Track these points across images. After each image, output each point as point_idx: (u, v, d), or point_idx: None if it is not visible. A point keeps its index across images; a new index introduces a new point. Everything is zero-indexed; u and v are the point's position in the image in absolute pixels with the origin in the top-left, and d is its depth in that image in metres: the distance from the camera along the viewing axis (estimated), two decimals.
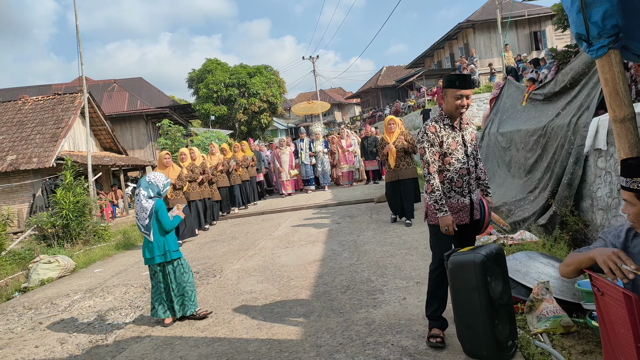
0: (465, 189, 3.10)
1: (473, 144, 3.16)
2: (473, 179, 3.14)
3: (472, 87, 3.06)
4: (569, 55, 7.38)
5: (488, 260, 2.67)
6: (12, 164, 13.17)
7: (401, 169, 6.90)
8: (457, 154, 3.08)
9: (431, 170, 3.07)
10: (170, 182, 4.12)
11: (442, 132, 3.08)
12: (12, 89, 29.41)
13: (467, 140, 3.13)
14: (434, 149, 3.08)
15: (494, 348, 2.64)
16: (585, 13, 1.83)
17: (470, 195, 3.12)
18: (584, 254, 1.89)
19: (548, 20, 24.61)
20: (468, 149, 3.12)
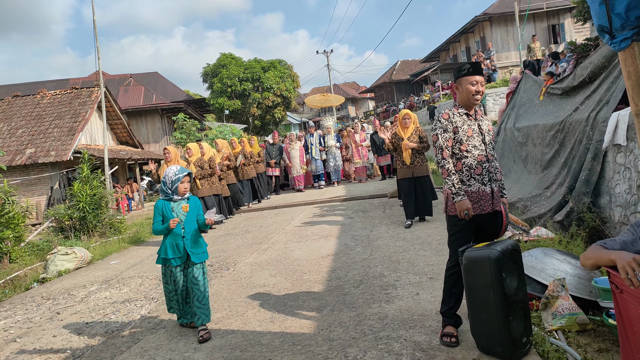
0: (486, 177, 3.03)
1: (491, 134, 3.14)
2: (493, 167, 3.07)
3: (483, 74, 3.08)
4: (588, 48, 7.23)
5: (503, 257, 2.64)
6: (30, 157, 13.41)
7: (416, 165, 6.61)
8: (474, 141, 3.04)
9: (445, 155, 3.06)
10: (182, 175, 3.64)
11: (455, 118, 3.08)
12: (31, 84, 29.92)
13: (484, 129, 3.10)
14: (447, 135, 3.07)
15: (509, 344, 2.62)
16: (608, 4, 1.78)
17: (490, 183, 3.05)
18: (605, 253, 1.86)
19: (567, 12, 24.14)
20: (485, 137, 3.08)
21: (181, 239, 3.68)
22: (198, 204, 3.80)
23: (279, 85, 31.95)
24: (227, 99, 30.86)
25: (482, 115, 3.18)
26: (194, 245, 3.70)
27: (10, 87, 29.17)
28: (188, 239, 3.68)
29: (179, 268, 3.70)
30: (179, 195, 3.70)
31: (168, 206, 3.69)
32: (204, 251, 3.77)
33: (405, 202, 6.69)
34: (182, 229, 3.69)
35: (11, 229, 7.38)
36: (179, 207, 3.71)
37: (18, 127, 14.97)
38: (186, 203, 3.74)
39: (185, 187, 3.69)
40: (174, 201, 3.71)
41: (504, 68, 23.26)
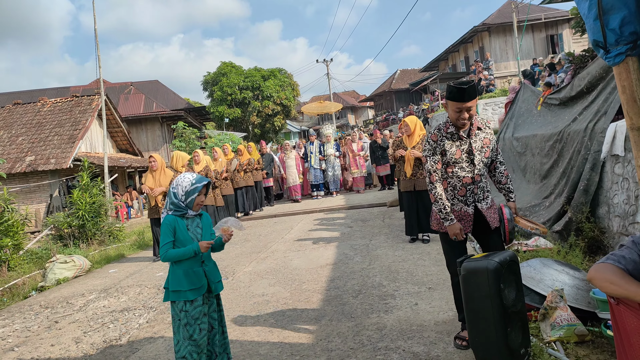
0: (470, 198, 3.02)
1: (484, 151, 3.01)
2: (480, 187, 3.02)
3: (472, 98, 2.87)
4: (585, 59, 7.29)
5: (501, 267, 2.64)
6: (30, 165, 13.43)
7: (418, 178, 6.06)
8: (462, 163, 2.99)
9: (432, 179, 3.04)
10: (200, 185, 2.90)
11: (444, 140, 3.00)
12: (32, 91, 30.03)
13: (476, 148, 2.98)
14: (436, 158, 3.03)
15: (507, 356, 2.62)
16: (602, 20, 1.81)
17: (475, 204, 3.04)
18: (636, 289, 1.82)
19: (565, 23, 24.34)
20: (475, 158, 2.98)
21: (200, 265, 2.92)
22: (210, 221, 3.10)
23: (279, 94, 32.10)
24: (227, 107, 30.98)
25: (481, 127, 3.04)
26: (215, 271, 3.02)
27: (11, 95, 29.27)
28: (208, 265, 2.98)
29: (199, 303, 2.89)
30: (193, 210, 2.94)
31: (182, 224, 2.90)
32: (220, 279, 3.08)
33: (407, 216, 6.27)
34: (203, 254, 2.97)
35: (10, 237, 7.38)
36: (194, 226, 2.95)
37: (18, 134, 15.01)
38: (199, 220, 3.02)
39: (202, 200, 2.95)
40: (188, 217, 2.95)
41: (502, 78, 23.41)
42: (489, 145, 3.05)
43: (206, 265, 2.97)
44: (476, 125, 3.01)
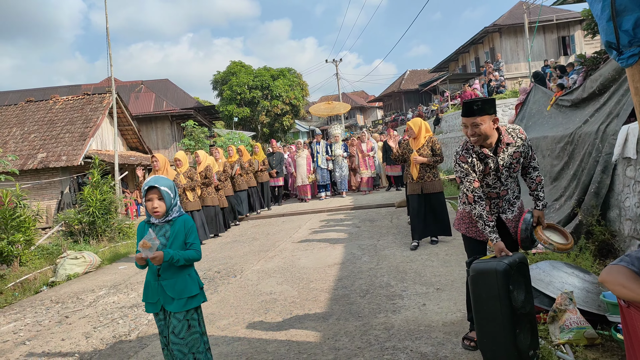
0: (494, 209, 3.02)
1: (513, 167, 2.89)
2: (505, 200, 3.00)
3: (474, 114, 2.76)
4: (597, 61, 7.23)
5: (511, 269, 2.63)
6: (42, 162, 13.59)
7: (426, 181, 5.85)
8: (488, 179, 2.94)
9: (470, 199, 2.92)
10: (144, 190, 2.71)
11: (471, 160, 2.92)
12: (44, 89, 30.34)
13: (504, 166, 2.88)
14: (471, 177, 2.92)
15: (515, 358, 2.61)
16: (615, 21, 1.80)
17: (498, 214, 3.03)
18: None
19: (577, 25, 24.11)
20: (502, 175, 2.90)
21: (156, 279, 2.70)
22: (186, 229, 2.74)
23: (288, 94, 32.16)
24: (236, 106, 31.10)
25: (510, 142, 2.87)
26: (174, 287, 2.68)
27: (23, 93, 29.62)
28: (167, 279, 2.68)
29: (159, 317, 2.75)
30: (154, 217, 2.71)
31: (146, 231, 2.70)
32: (193, 295, 2.71)
33: (413, 221, 6.03)
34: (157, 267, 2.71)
35: (22, 232, 7.47)
36: (160, 234, 2.72)
37: (31, 131, 15.19)
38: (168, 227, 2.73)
39: (154, 206, 2.64)
40: (155, 225, 2.75)
41: (513, 79, 23.25)
42: (520, 158, 2.90)
43: (163, 279, 2.68)
44: (504, 142, 2.87)
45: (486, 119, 2.78)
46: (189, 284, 2.72)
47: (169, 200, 2.70)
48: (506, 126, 2.95)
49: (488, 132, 2.79)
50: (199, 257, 2.76)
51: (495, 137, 2.85)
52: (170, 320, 2.68)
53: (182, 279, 2.71)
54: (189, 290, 2.70)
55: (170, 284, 2.68)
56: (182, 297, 2.67)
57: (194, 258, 2.73)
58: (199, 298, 2.76)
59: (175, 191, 2.79)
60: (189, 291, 2.70)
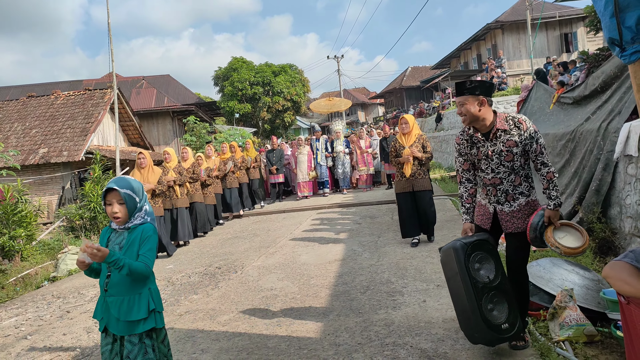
0: (492, 198, 3.00)
1: (504, 155, 2.87)
2: (501, 191, 2.95)
3: (461, 93, 2.85)
4: (600, 58, 7.20)
5: (466, 246, 2.83)
6: (43, 157, 13.60)
7: (417, 178, 5.84)
8: (481, 165, 2.98)
9: (458, 178, 3.13)
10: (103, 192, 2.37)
11: (465, 142, 3.02)
12: (45, 84, 30.33)
13: (494, 152, 2.88)
14: (461, 159, 3.09)
15: (485, 329, 2.69)
16: (618, 17, 1.80)
17: (495, 205, 2.99)
18: None
19: (580, 22, 24.03)
20: (492, 162, 2.91)
21: (103, 293, 2.36)
22: (143, 238, 2.36)
23: (289, 90, 32.13)
24: (237, 102, 31.08)
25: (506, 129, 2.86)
26: (120, 306, 2.31)
27: (25, 88, 29.61)
28: (113, 295, 2.32)
29: (106, 340, 2.37)
30: (115, 222, 2.39)
31: (106, 238, 2.44)
32: (138, 319, 2.30)
33: (406, 218, 5.94)
34: (106, 277, 2.35)
35: (23, 228, 7.49)
36: (116, 242, 2.39)
37: (32, 127, 15.19)
38: (126, 235, 2.38)
39: (113, 211, 2.32)
40: (115, 231, 2.43)
41: (515, 76, 23.18)
42: (514, 147, 2.85)
43: (110, 295, 2.32)
44: (498, 127, 2.87)
45: (470, 99, 2.83)
46: (137, 305, 2.31)
47: (132, 204, 2.35)
48: (507, 113, 2.94)
49: (473, 113, 2.83)
50: (146, 272, 2.30)
51: (488, 121, 2.87)
52: (125, 343, 2.31)
53: (131, 297, 2.31)
54: (134, 313, 2.29)
55: (116, 301, 2.31)
56: (126, 319, 2.28)
57: (141, 272, 2.27)
58: (143, 324, 2.31)
59: (143, 194, 2.44)
60: (134, 314, 2.29)
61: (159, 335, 2.41)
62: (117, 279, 2.31)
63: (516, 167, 2.89)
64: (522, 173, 2.92)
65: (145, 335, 2.33)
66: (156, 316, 2.37)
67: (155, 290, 2.43)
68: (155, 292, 2.42)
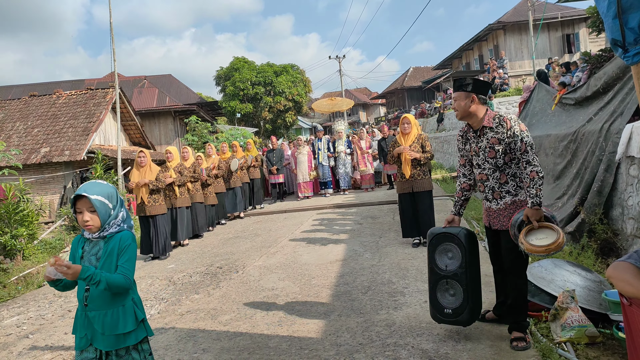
0: (489, 194, 3.11)
1: (488, 151, 2.99)
2: (488, 187, 3.07)
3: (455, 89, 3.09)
4: (602, 59, 7.19)
5: (431, 236, 3.25)
6: (45, 156, 13.63)
7: (416, 179, 5.80)
8: (476, 159, 3.13)
9: (457, 172, 3.34)
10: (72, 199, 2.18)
11: (461, 138, 3.24)
12: (47, 84, 30.37)
13: (481, 148, 3.03)
14: (459, 154, 3.30)
15: (431, 307, 3.23)
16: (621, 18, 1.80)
17: (485, 202, 3.18)
18: None
19: (582, 22, 23.99)
20: (479, 158, 3.07)
21: (83, 309, 2.22)
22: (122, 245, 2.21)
23: (291, 90, 32.13)
24: (239, 102, 31.09)
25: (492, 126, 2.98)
26: (104, 320, 2.18)
27: (27, 87, 29.67)
28: (94, 309, 2.19)
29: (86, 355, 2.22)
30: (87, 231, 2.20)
31: (80, 249, 2.27)
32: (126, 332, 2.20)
33: (406, 219, 5.95)
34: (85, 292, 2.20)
35: (25, 227, 7.50)
36: (92, 252, 2.23)
37: (34, 126, 15.22)
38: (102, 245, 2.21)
39: (84, 219, 2.14)
40: (89, 241, 2.26)
41: (517, 77, 23.16)
42: (496, 144, 2.96)
43: (90, 310, 2.18)
44: (484, 125, 3.01)
45: (461, 96, 3.03)
46: (122, 317, 2.20)
47: (104, 212, 2.17)
48: (497, 112, 3.04)
49: (464, 109, 3.03)
50: (126, 284, 2.16)
51: (478, 118, 3.04)
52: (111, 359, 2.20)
53: (114, 310, 2.20)
54: (121, 326, 2.18)
55: (99, 316, 2.18)
56: (112, 333, 2.18)
57: (120, 284, 2.13)
58: (134, 335, 2.22)
59: (118, 200, 2.27)
60: (121, 327, 2.18)
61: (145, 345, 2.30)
62: (97, 292, 2.16)
63: (499, 164, 2.99)
64: (509, 172, 3.00)
65: (132, 348, 2.23)
66: (146, 325, 2.31)
67: (138, 300, 2.32)
68: (139, 302, 2.31)
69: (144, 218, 6.98)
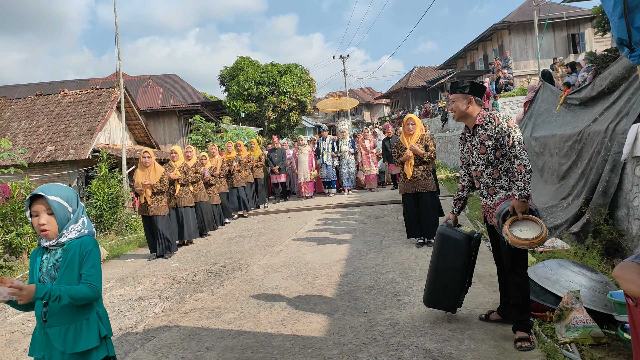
0: (484, 190, 3.20)
1: (479, 147, 3.11)
2: (483, 183, 3.17)
3: (452, 92, 3.20)
4: (607, 59, 7.16)
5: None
6: (50, 155, 13.70)
7: (419, 179, 5.76)
8: (472, 157, 3.23)
9: (460, 171, 3.45)
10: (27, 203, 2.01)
11: (460, 140, 3.37)
12: (52, 83, 30.52)
13: (474, 145, 3.17)
14: (460, 156, 3.42)
15: None
16: (627, 18, 1.79)
17: (481, 198, 3.26)
18: None
19: (587, 22, 23.86)
20: (473, 155, 3.19)
21: (42, 326, 2.01)
22: (82, 252, 2.00)
23: (295, 90, 32.13)
24: (243, 101, 31.12)
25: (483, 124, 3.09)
26: (65, 337, 1.97)
27: (32, 86, 29.81)
28: (54, 325, 1.99)
29: None
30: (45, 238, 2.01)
31: (39, 259, 2.06)
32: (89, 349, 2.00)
33: (410, 220, 5.94)
34: (43, 307, 2.00)
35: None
36: (51, 263, 2.02)
37: (39, 125, 15.30)
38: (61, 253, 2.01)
39: (40, 223, 1.97)
40: (47, 249, 2.05)
41: (521, 77, 23.08)
42: (486, 140, 3.08)
43: (50, 326, 1.97)
44: (476, 123, 3.16)
45: (459, 97, 3.16)
46: (86, 332, 1.98)
47: (62, 215, 1.99)
48: (489, 112, 3.16)
49: (461, 110, 3.15)
50: (94, 294, 1.96)
51: (473, 118, 3.17)
52: None
53: (77, 325, 1.98)
54: (84, 342, 1.97)
55: (59, 332, 1.96)
56: (74, 350, 1.95)
57: (87, 296, 1.93)
58: (94, 355, 2.00)
59: (79, 205, 2.09)
60: (84, 343, 1.97)
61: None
62: (58, 306, 1.94)
63: (491, 159, 3.09)
64: (501, 167, 3.09)
65: None
66: (108, 343, 2.09)
67: (104, 314, 2.11)
68: (104, 316, 2.10)
69: (147, 218, 7.01)
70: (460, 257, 3.36)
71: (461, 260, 3.36)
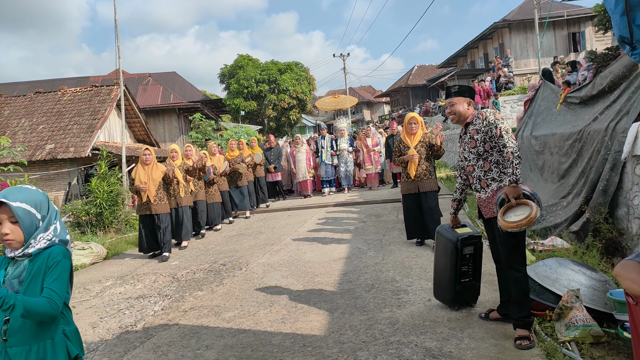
0: (477, 184, 3.29)
1: (469, 142, 3.27)
2: (475, 178, 3.27)
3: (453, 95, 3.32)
4: (608, 58, 7.14)
5: None
6: (50, 153, 13.68)
7: (422, 179, 5.70)
8: (465, 153, 3.37)
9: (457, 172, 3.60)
10: None
11: (459, 140, 3.47)
12: (52, 80, 30.49)
13: (465, 142, 3.33)
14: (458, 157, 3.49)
15: None
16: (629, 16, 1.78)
17: (475, 193, 3.33)
18: None
19: (588, 21, 23.83)
20: (465, 150, 3.33)
21: (2, 345, 1.80)
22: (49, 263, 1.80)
23: (295, 88, 32.12)
24: (243, 100, 31.11)
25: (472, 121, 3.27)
26: (27, 357, 1.78)
27: (32, 84, 29.79)
28: (15, 345, 1.79)
29: None
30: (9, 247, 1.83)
31: (2, 271, 1.87)
32: None
33: (411, 221, 5.85)
34: (4, 323, 1.80)
35: None
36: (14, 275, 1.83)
37: (39, 122, 15.28)
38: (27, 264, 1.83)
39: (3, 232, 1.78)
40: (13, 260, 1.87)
41: (522, 75, 23.06)
42: (475, 134, 3.23)
43: (11, 345, 1.79)
44: (467, 121, 3.32)
45: (461, 100, 3.31)
46: (51, 354, 1.80)
47: (29, 223, 1.79)
48: (479, 110, 3.29)
49: (462, 112, 3.29)
50: (50, 311, 1.73)
51: (466, 117, 3.32)
52: None
53: (41, 346, 1.79)
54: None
55: (21, 352, 1.78)
56: None
57: (42, 311, 1.71)
58: None
59: (50, 210, 1.89)
60: None
61: None
62: (20, 324, 1.77)
63: (480, 151, 3.20)
64: (491, 159, 3.17)
65: None
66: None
67: (72, 332, 1.91)
68: (73, 335, 1.90)
69: (148, 217, 6.91)
70: (446, 257, 3.61)
71: (446, 260, 3.60)
